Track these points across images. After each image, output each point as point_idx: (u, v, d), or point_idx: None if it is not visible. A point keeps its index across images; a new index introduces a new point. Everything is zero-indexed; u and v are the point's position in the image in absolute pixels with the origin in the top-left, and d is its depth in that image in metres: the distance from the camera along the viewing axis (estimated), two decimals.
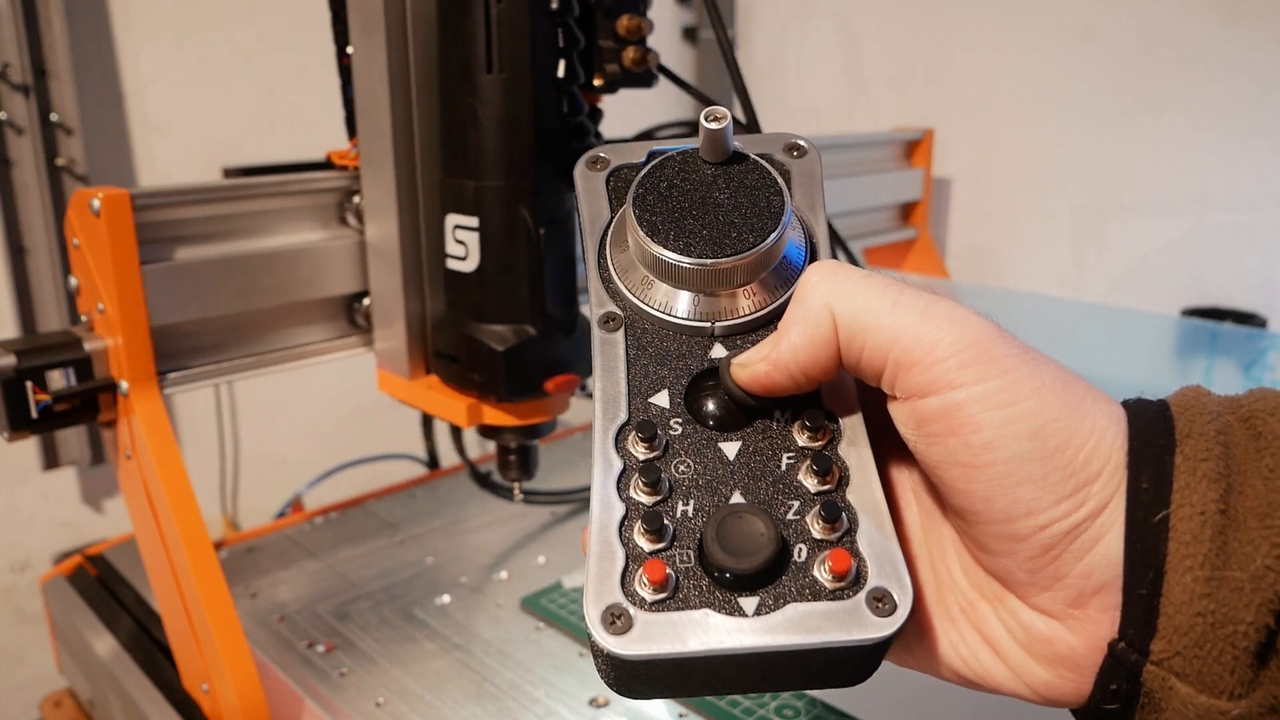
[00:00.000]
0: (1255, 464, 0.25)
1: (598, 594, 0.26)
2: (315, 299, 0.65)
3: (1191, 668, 0.25)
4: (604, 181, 0.34)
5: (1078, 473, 0.25)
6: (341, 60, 0.63)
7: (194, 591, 0.55)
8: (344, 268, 0.65)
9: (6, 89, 0.87)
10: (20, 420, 0.54)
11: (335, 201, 0.66)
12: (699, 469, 0.29)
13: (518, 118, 0.56)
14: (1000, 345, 0.26)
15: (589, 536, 0.28)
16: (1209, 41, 1.01)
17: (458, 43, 0.56)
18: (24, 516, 1.01)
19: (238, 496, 1.15)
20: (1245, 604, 0.24)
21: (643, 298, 0.31)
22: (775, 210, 0.30)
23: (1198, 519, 0.25)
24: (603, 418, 0.30)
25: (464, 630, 0.66)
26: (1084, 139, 1.12)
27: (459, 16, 0.55)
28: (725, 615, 0.26)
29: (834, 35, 1.36)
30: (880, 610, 0.26)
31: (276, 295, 0.62)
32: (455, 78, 0.57)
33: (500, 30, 0.54)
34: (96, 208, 0.54)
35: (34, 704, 0.81)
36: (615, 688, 0.28)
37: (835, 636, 0.26)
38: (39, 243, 0.91)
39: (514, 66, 0.55)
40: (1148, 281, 1.10)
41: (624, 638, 0.26)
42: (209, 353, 0.62)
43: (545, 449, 1.00)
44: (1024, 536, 0.26)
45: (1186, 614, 0.25)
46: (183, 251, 0.60)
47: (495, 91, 0.55)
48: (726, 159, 0.32)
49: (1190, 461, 0.25)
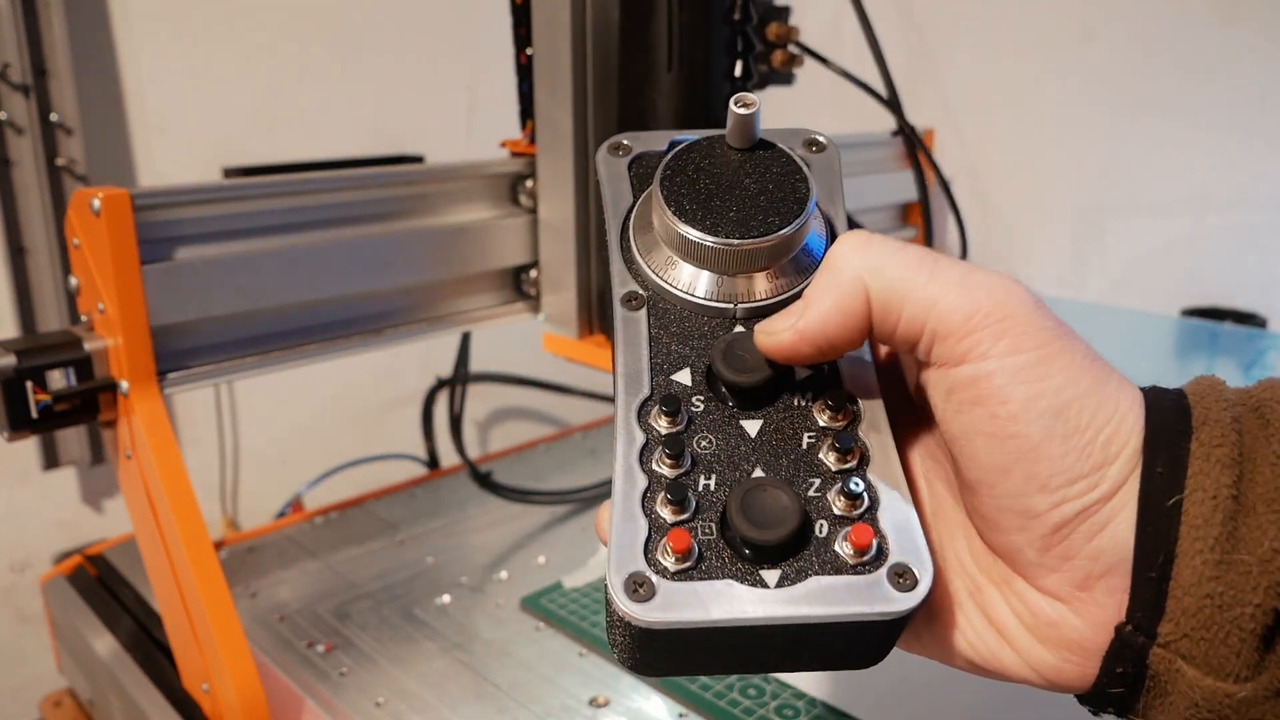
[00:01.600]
0: (1264, 451, 0.25)
1: (620, 562, 0.26)
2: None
3: (1198, 650, 0.25)
4: (626, 166, 0.35)
5: (1096, 454, 0.26)
6: (519, 59, 0.72)
7: (194, 591, 0.55)
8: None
9: (6, 89, 0.87)
10: (20, 420, 0.54)
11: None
12: (721, 445, 0.29)
13: (692, 110, 0.64)
14: (1036, 318, 0.26)
15: (611, 508, 0.28)
16: (1209, 42, 1.01)
17: (641, 44, 0.65)
18: (24, 516, 1.01)
19: (238, 496, 1.15)
20: (1253, 587, 0.24)
21: (666, 278, 0.31)
22: (801, 196, 0.31)
23: (1209, 503, 0.25)
24: (625, 393, 0.30)
25: (464, 630, 0.66)
26: (1084, 139, 1.12)
27: (644, 22, 0.64)
28: (748, 586, 0.26)
29: (834, 36, 1.36)
30: (901, 585, 0.26)
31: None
32: (639, 75, 0.65)
33: (681, 34, 0.64)
34: (96, 208, 0.54)
35: (34, 704, 0.81)
36: (631, 662, 0.28)
37: (857, 609, 0.26)
38: (39, 243, 0.91)
39: (691, 66, 0.64)
40: (1148, 281, 1.10)
41: (647, 605, 0.26)
42: (210, 353, 0.62)
43: (545, 449, 1.00)
44: (1037, 513, 0.26)
45: (1195, 596, 0.25)
46: (186, 251, 0.60)
47: (674, 87, 0.64)
48: (752, 146, 0.32)
49: (1205, 448, 0.25)
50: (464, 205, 0.72)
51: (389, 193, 0.68)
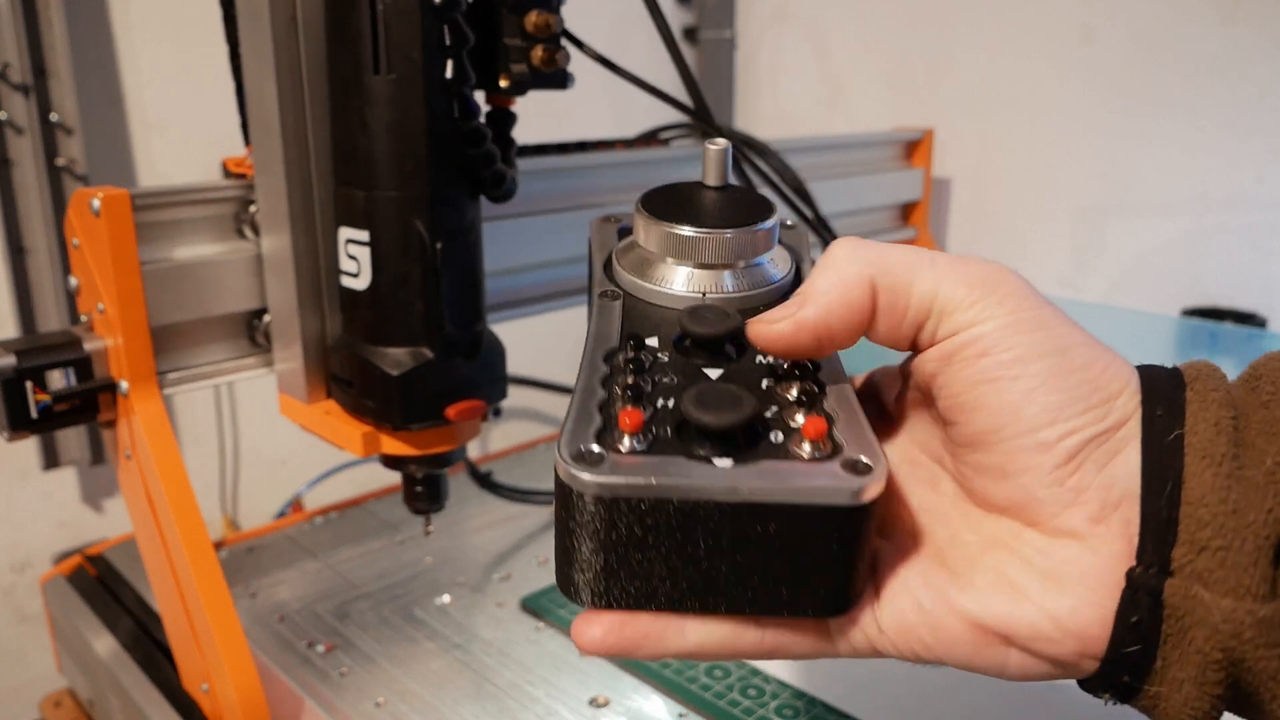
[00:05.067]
0: (1252, 400, 0.27)
1: (571, 441, 0.26)
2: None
3: (1215, 563, 0.25)
4: (615, 233, 0.38)
5: (1101, 389, 0.27)
6: (234, 59, 0.60)
7: (194, 591, 0.55)
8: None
9: (6, 89, 0.87)
10: (20, 420, 0.54)
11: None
12: (681, 381, 0.29)
13: (409, 122, 0.52)
14: (1032, 292, 0.29)
15: (566, 417, 0.27)
16: (1209, 41, 1.01)
17: (344, 41, 0.52)
18: (24, 516, 1.01)
19: (238, 496, 1.15)
20: (1262, 496, 0.25)
21: (641, 277, 0.33)
22: (767, 210, 0.34)
23: (1211, 429, 0.26)
24: (593, 345, 0.31)
25: (464, 630, 0.66)
26: (1084, 139, 1.12)
27: (344, 12, 0.52)
28: (700, 463, 0.26)
29: (834, 35, 1.36)
30: (857, 470, 0.26)
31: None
32: (342, 79, 0.53)
33: (388, 28, 0.50)
34: (96, 208, 0.54)
35: (34, 704, 0.81)
36: (582, 582, 0.27)
37: (813, 484, 0.25)
38: (39, 243, 0.91)
39: (404, 67, 0.51)
40: (1148, 281, 1.10)
41: (596, 469, 0.25)
42: (209, 353, 0.62)
43: (545, 449, 1.00)
44: (1050, 444, 0.27)
45: (1210, 505, 0.25)
46: (182, 251, 0.60)
47: (384, 94, 0.51)
48: (724, 185, 0.34)
49: (1200, 395, 0.27)
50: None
51: None
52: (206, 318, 0.61)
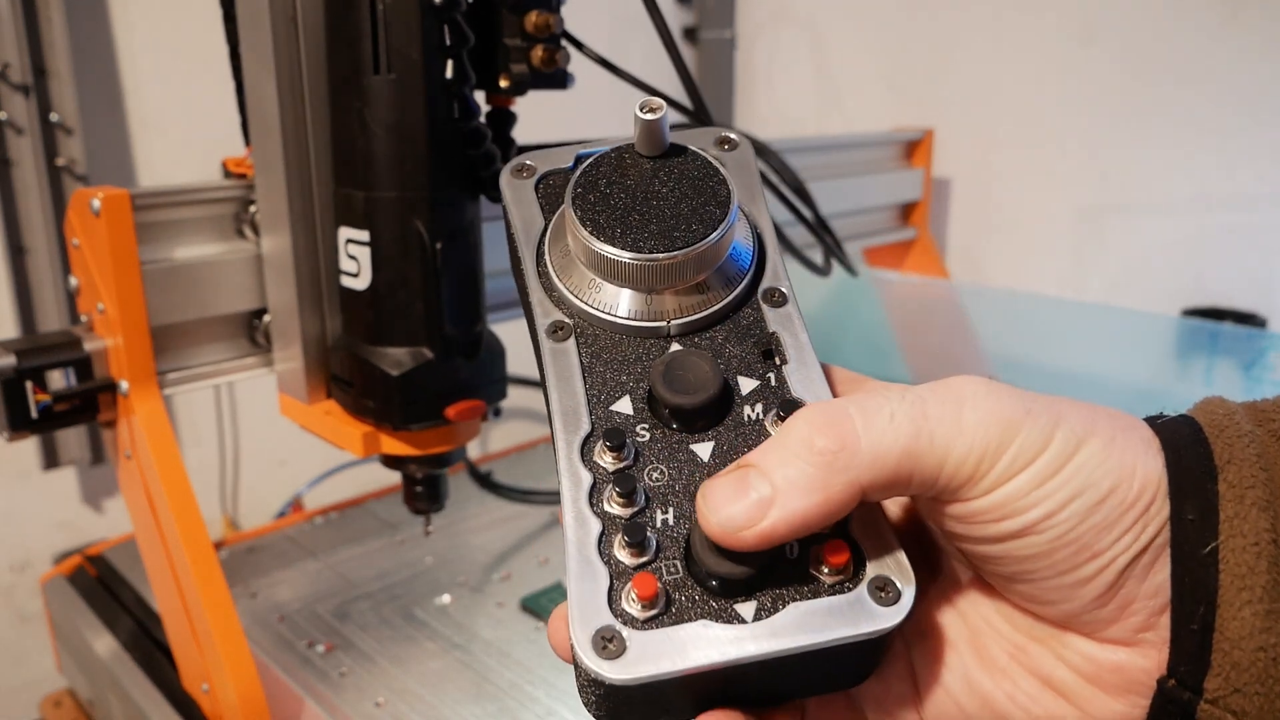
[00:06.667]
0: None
1: (584, 617, 0.24)
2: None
3: (1252, 705, 0.24)
4: (533, 189, 0.33)
5: (1134, 505, 0.25)
6: (234, 59, 0.60)
7: (194, 591, 0.55)
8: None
9: (6, 89, 0.87)
10: (20, 420, 0.54)
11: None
12: (674, 474, 0.27)
13: (409, 122, 0.52)
14: (1029, 421, 0.25)
15: (566, 559, 0.26)
16: (1209, 42, 1.01)
17: (344, 41, 0.52)
18: (24, 516, 1.01)
19: (238, 496, 1.15)
20: None
21: (591, 302, 0.29)
22: (722, 200, 0.29)
23: (1251, 550, 0.24)
24: (564, 431, 0.28)
25: (464, 630, 0.66)
26: (1084, 139, 1.12)
27: (344, 12, 0.51)
28: (724, 625, 0.25)
29: (834, 36, 1.36)
30: (884, 600, 0.25)
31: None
32: (341, 79, 0.53)
33: (388, 28, 0.50)
34: (96, 208, 0.54)
35: (34, 704, 0.81)
36: (608, 718, 0.26)
37: (842, 632, 0.24)
38: (39, 243, 0.91)
39: (404, 67, 0.51)
40: (1148, 281, 1.10)
41: (619, 661, 0.24)
42: (209, 353, 0.62)
43: (545, 449, 1.00)
44: (1089, 579, 0.25)
45: (1247, 649, 0.24)
46: (182, 251, 0.60)
47: (384, 94, 0.51)
48: (664, 152, 0.30)
49: (1235, 490, 0.24)
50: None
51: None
52: (206, 318, 0.61)
